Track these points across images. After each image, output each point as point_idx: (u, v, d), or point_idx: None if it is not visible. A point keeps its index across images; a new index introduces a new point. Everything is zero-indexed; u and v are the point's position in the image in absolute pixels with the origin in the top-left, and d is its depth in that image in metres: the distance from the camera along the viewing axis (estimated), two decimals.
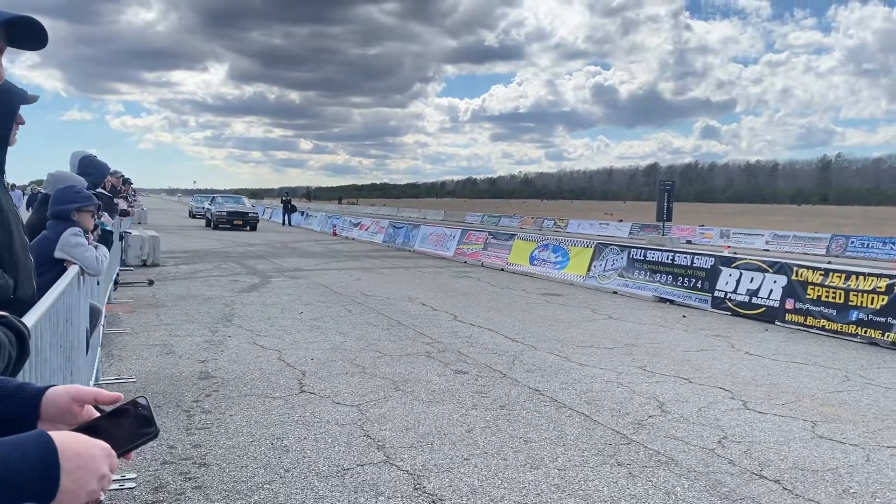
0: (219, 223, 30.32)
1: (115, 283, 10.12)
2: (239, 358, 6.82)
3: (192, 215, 43.09)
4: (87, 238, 4.31)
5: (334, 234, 30.48)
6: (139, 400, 1.04)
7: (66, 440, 0.90)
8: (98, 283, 6.01)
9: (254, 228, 30.96)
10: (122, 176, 10.33)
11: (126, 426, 1.02)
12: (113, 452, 0.96)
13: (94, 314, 5.33)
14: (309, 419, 5.04)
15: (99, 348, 6.03)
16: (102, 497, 0.97)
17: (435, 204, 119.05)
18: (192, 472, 4.02)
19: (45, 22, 1.46)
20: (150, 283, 11.79)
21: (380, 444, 4.58)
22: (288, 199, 42.02)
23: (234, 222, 30.43)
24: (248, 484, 3.89)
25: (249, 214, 31.53)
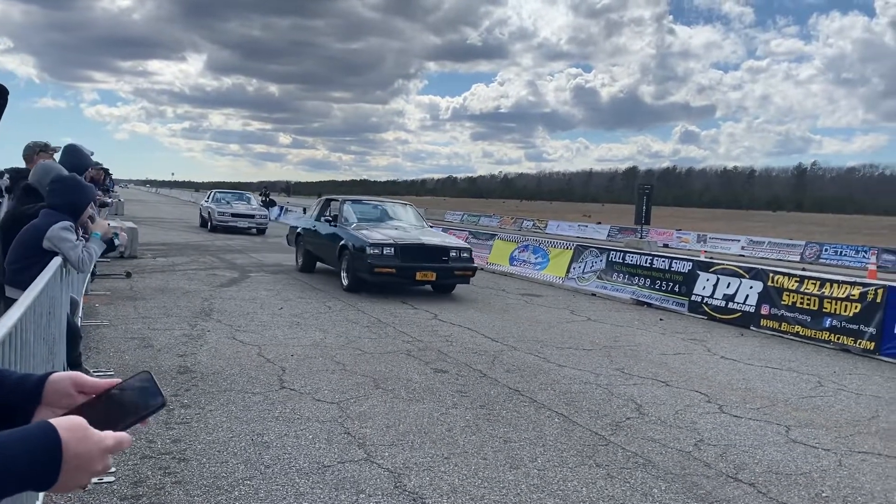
0: (373, 274, 11.00)
1: (93, 274, 10.01)
2: (218, 353, 6.79)
3: (213, 227, 25.00)
4: (78, 233, 4.29)
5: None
6: (142, 375, 1.06)
7: (71, 440, 0.92)
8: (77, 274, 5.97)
9: (447, 290, 12.07)
10: (104, 168, 10.24)
11: (132, 398, 1.04)
12: (110, 447, 0.97)
13: (72, 306, 5.29)
14: (289, 415, 5.03)
15: None
16: (89, 486, 0.99)
17: (415, 202, 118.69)
18: (171, 467, 4.01)
19: (18, 6, 1.54)
20: (128, 275, 11.69)
21: (360, 441, 4.59)
22: (267, 194, 41.81)
23: (421, 275, 11.20)
24: (229, 479, 3.88)
25: (453, 253, 11.59)
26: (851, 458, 4.85)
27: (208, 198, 28.45)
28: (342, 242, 11.78)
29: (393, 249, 11.07)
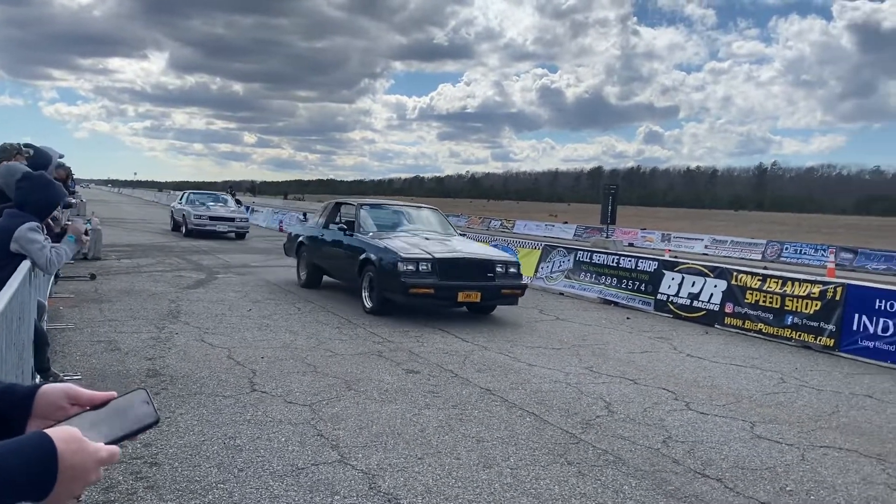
0: (408, 296, 9.27)
1: (56, 276, 9.84)
2: (187, 356, 6.73)
3: (188, 231, 22.89)
4: (43, 231, 4.22)
5: (281, 230, 30.17)
6: (137, 391, 1.07)
7: (66, 452, 0.93)
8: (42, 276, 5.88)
9: (486, 311, 10.30)
10: (67, 168, 10.07)
11: (126, 413, 1.05)
12: (104, 459, 0.99)
13: (39, 310, 5.21)
14: (261, 418, 5.02)
15: None
16: (82, 497, 1.00)
17: None
18: (143, 472, 3.97)
19: None
20: (93, 277, 11.50)
21: (334, 443, 4.60)
22: (232, 194, 41.35)
23: (463, 296, 9.36)
24: (202, 483, 3.86)
25: (499, 268, 9.79)
26: (813, 452, 4.98)
27: (181, 199, 25.60)
28: (363, 256, 9.88)
29: (429, 265, 9.23)
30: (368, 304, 9.77)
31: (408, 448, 4.58)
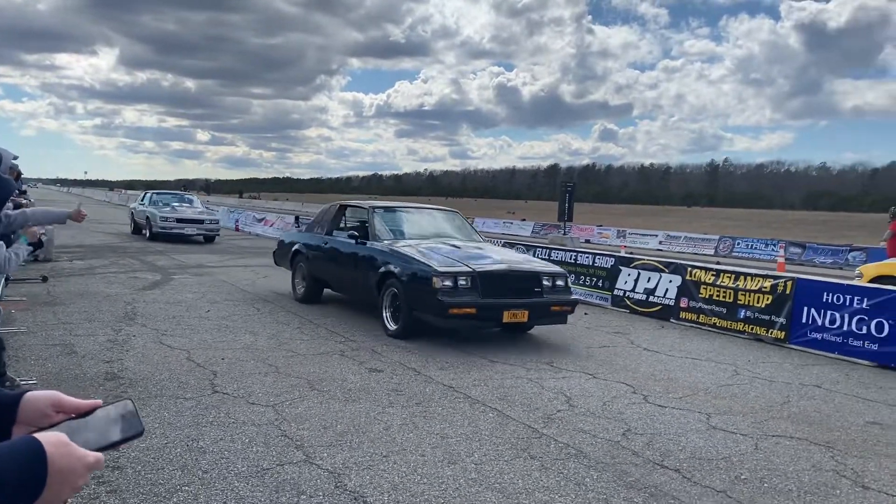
0: (448, 317, 7.75)
1: (6, 279, 9.59)
2: (146, 358, 6.64)
3: (153, 234, 21.15)
4: None
5: (237, 230, 29.83)
6: (123, 401, 1.09)
7: (55, 455, 0.95)
8: None
9: (524, 330, 8.98)
10: (17, 169, 9.81)
11: (111, 423, 1.06)
12: (91, 464, 1.00)
13: None
14: (224, 420, 4.99)
15: None
16: (70, 502, 1.02)
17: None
18: (105, 476, 3.93)
19: None
20: (44, 279, 11.24)
21: (298, 443, 4.60)
22: (185, 191, 40.77)
23: (509, 315, 7.90)
24: (166, 486, 3.84)
25: (546, 281, 8.43)
26: (766, 441, 5.15)
27: (143, 200, 23.82)
28: (384, 269, 8.45)
29: (469, 279, 7.80)
30: (392, 325, 8.33)
31: (373, 446, 4.61)
